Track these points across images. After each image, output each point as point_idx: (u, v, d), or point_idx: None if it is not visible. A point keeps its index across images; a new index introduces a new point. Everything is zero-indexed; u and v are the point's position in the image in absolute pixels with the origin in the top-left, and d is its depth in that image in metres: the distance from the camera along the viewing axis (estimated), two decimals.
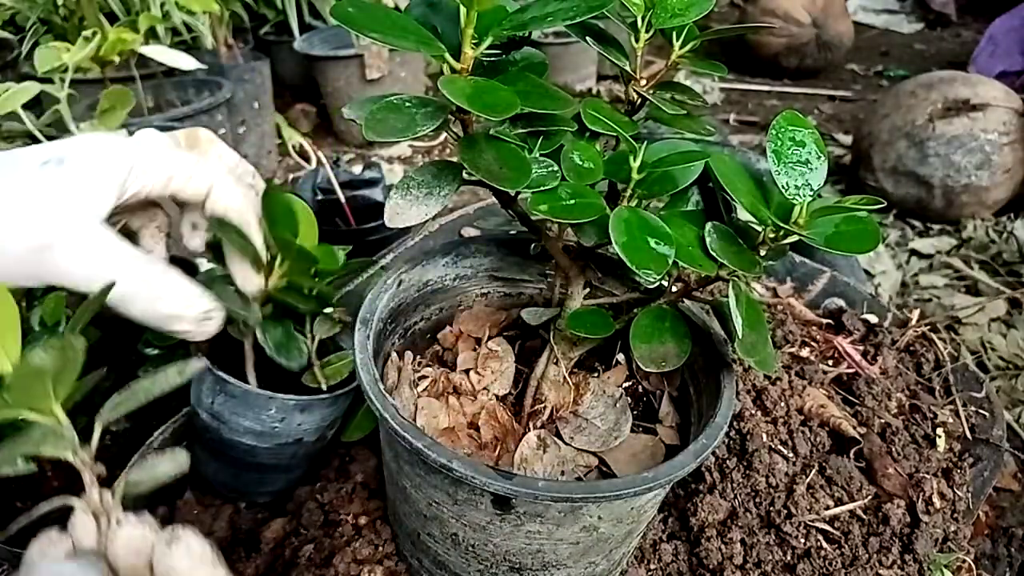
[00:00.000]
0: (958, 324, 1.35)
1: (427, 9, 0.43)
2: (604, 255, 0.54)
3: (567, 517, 0.43)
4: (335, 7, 0.36)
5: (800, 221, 0.42)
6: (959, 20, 3.69)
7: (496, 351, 0.57)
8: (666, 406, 0.56)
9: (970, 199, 1.70)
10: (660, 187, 0.45)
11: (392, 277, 0.54)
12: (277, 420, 0.55)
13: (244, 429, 0.55)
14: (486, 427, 0.53)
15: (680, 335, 0.47)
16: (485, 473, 0.39)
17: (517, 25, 0.39)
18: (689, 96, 0.48)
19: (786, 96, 2.72)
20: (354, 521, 0.60)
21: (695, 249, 0.44)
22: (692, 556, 0.59)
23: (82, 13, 1.42)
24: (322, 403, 0.56)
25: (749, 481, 0.62)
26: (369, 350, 0.47)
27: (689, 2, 0.44)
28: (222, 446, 0.57)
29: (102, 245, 0.45)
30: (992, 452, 0.71)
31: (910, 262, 1.63)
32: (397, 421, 0.41)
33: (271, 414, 0.54)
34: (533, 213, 0.41)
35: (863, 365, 0.77)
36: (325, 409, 0.57)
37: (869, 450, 0.67)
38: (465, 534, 0.47)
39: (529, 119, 0.42)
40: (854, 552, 0.59)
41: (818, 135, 0.44)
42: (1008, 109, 1.67)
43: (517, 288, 0.63)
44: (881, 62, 3.14)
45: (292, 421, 0.55)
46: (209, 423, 0.56)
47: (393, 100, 0.39)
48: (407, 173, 0.44)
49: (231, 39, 1.92)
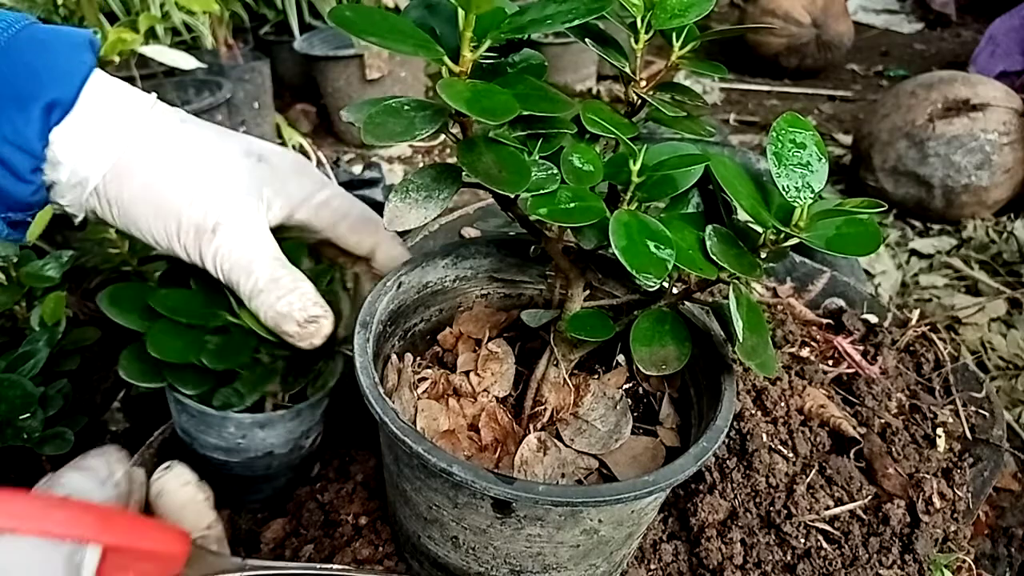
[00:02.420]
0: (958, 324, 1.35)
1: (425, 12, 0.43)
2: (604, 256, 0.54)
3: (567, 520, 0.43)
4: (333, 11, 0.36)
5: (801, 223, 0.41)
6: (959, 20, 3.68)
7: (496, 352, 0.57)
8: (667, 408, 0.56)
9: (970, 199, 1.70)
10: (660, 190, 0.45)
11: (392, 279, 0.54)
12: (239, 437, 0.55)
13: (212, 446, 0.56)
14: (486, 429, 0.53)
15: (681, 338, 0.47)
16: (485, 477, 0.39)
17: (516, 28, 0.39)
18: (689, 97, 0.48)
19: (786, 96, 2.72)
20: (354, 521, 0.60)
21: (695, 252, 0.44)
22: (692, 556, 0.59)
23: (82, 13, 1.42)
24: (282, 419, 0.55)
25: (749, 481, 0.62)
26: (369, 353, 0.47)
27: (689, 3, 0.44)
28: (197, 460, 0.57)
29: (256, 239, 0.49)
30: (992, 452, 0.71)
31: (910, 262, 1.63)
32: (397, 425, 0.41)
33: (231, 432, 0.54)
34: (532, 216, 0.41)
35: (863, 365, 0.77)
36: (289, 423, 0.56)
37: (869, 450, 0.67)
38: (465, 537, 0.47)
39: (528, 121, 0.42)
40: (854, 552, 0.59)
41: (819, 137, 0.44)
42: (1008, 109, 1.67)
43: (517, 289, 0.63)
44: (881, 62, 3.14)
45: (255, 437, 0.55)
46: (183, 438, 0.57)
47: (392, 103, 0.39)
48: (406, 176, 0.44)
49: (231, 39, 1.91)
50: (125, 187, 0.47)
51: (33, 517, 0.29)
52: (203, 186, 0.48)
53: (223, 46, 1.87)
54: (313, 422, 0.59)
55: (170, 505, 0.42)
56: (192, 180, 0.48)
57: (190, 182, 0.48)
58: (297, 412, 0.56)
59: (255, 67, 1.87)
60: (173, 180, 0.47)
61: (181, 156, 0.48)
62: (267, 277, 0.48)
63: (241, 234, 0.48)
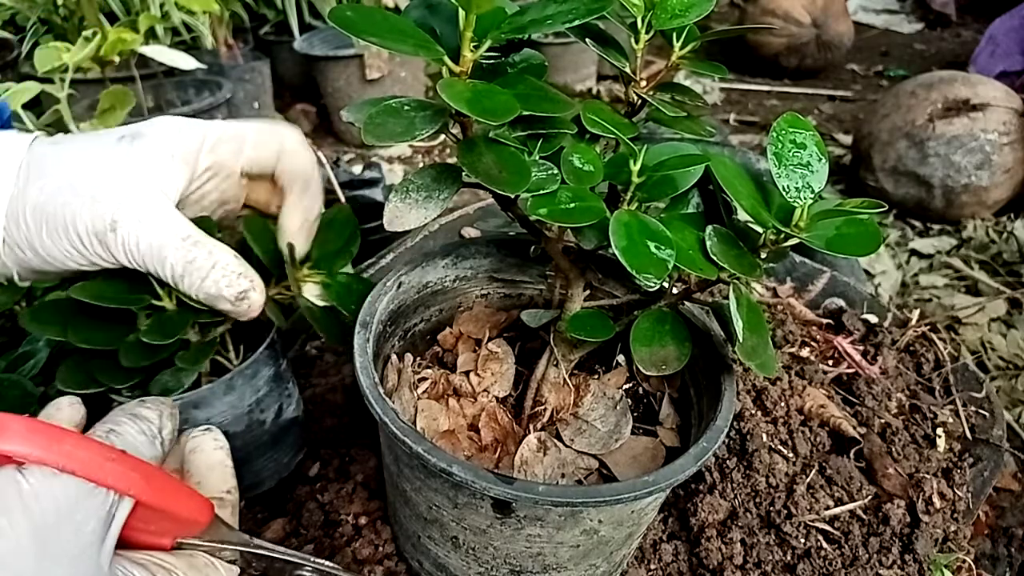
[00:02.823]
0: (958, 324, 1.35)
1: (426, 11, 0.43)
2: (604, 256, 0.54)
3: (567, 521, 0.43)
4: (333, 11, 0.36)
5: (801, 224, 0.41)
6: (959, 20, 3.68)
7: (496, 352, 0.57)
8: (666, 408, 0.56)
9: (970, 199, 1.70)
10: (660, 190, 0.45)
11: (392, 279, 0.54)
12: (181, 423, 0.53)
13: None
14: (486, 429, 0.53)
15: (680, 338, 0.47)
16: (485, 477, 0.39)
17: (516, 28, 0.39)
18: (689, 97, 0.48)
19: (786, 96, 2.72)
20: (354, 521, 0.60)
21: (695, 253, 0.44)
22: (692, 556, 0.59)
23: (82, 13, 1.42)
24: (214, 393, 0.53)
25: (749, 481, 0.62)
26: (369, 353, 0.47)
27: (689, 3, 0.44)
28: None
29: (159, 223, 0.47)
30: (992, 452, 0.71)
31: (910, 262, 1.63)
32: (397, 425, 0.41)
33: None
34: (532, 216, 0.41)
35: (863, 365, 0.77)
36: (227, 397, 0.54)
37: (869, 450, 0.67)
38: (465, 537, 0.47)
39: (529, 122, 0.42)
40: (854, 552, 0.59)
41: (819, 137, 0.44)
42: (1008, 109, 1.67)
43: (517, 289, 0.63)
44: (881, 62, 3.14)
45: (196, 419, 0.53)
46: None
47: (392, 103, 0.39)
48: (406, 176, 0.44)
49: (231, 39, 1.91)
50: (21, 226, 0.46)
51: (91, 464, 0.32)
52: (88, 191, 0.46)
53: (223, 46, 1.87)
54: (261, 391, 0.56)
55: (200, 463, 0.44)
56: (74, 190, 0.46)
57: (73, 193, 0.46)
58: (229, 383, 0.53)
59: (255, 67, 1.88)
60: (56, 198, 0.46)
61: (58, 173, 0.47)
62: (182, 261, 0.47)
63: (141, 223, 0.46)
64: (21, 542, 0.30)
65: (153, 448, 0.40)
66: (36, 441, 0.32)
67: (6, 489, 0.31)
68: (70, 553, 0.32)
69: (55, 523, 0.31)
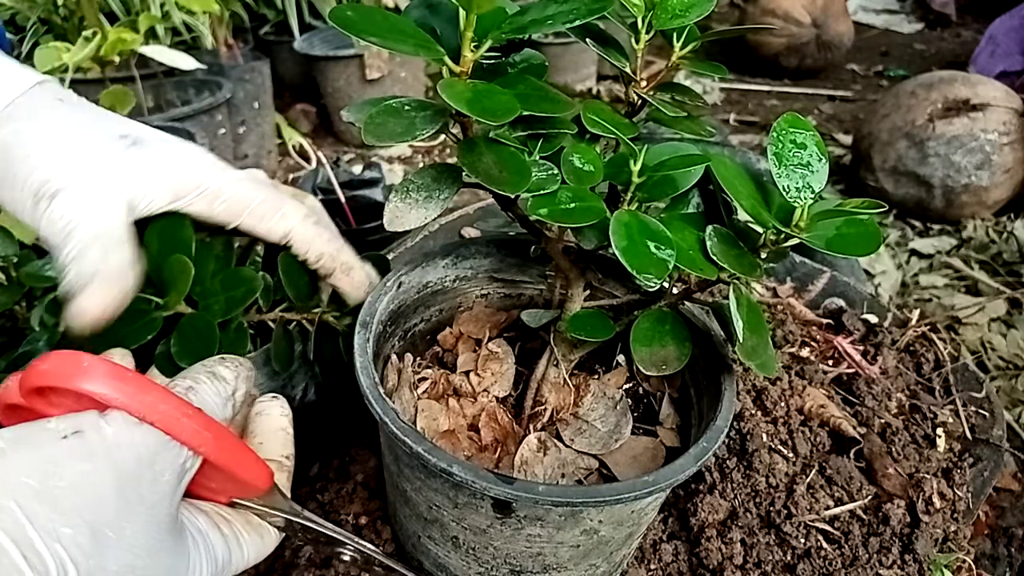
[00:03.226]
0: (958, 324, 1.35)
1: (426, 11, 0.43)
2: (604, 256, 0.54)
3: (567, 521, 0.43)
4: (333, 11, 0.36)
5: (801, 224, 0.41)
6: (959, 20, 3.68)
7: (496, 352, 0.57)
8: (667, 408, 0.56)
9: (970, 199, 1.70)
10: (660, 190, 0.45)
11: (392, 279, 0.54)
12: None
13: None
14: (486, 429, 0.53)
15: (681, 338, 0.47)
16: (485, 477, 0.39)
17: (517, 28, 0.39)
18: (689, 97, 0.48)
19: (786, 96, 2.72)
20: (354, 521, 0.60)
21: (696, 253, 0.44)
22: (692, 556, 0.59)
23: (82, 13, 1.42)
24: (254, 363, 0.51)
25: (749, 481, 0.62)
26: (369, 353, 0.47)
27: (690, 3, 0.44)
28: None
29: (93, 212, 0.46)
30: (992, 452, 0.71)
31: (910, 262, 1.63)
32: (397, 425, 0.41)
33: None
34: (533, 216, 0.41)
35: (863, 365, 0.77)
36: (262, 368, 0.54)
37: (869, 450, 0.67)
38: (466, 537, 0.47)
39: (529, 122, 0.42)
40: (854, 552, 0.59)
41: (819, 137, 0.44)
42: (1008, 109, 1.67)
43: (517, 289, 0.63)
44: (881, 62, 3.14)
45: None
46: None
47: (392, 103, 0.39)
48: (406, 176, 0.44)
49: (231, 39, 1.92)
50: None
51: (170, 418, 0.33)
52: (54, 157, 0.46)
53: (223, 46, 1.87)
54: (294, 365, 0.57)
55: (265, 427, 0.44)
56: (44, 150, 0.46)
57: (41, 152, 0.46)
58: (267, 353, 0.54)
59: (255, 67, 1.88)
60: (25, 148, 0.46)
61: (42, 130, 0.47)
62: (77, 249, 0.45)
63: (77, 205, 0.45)
64: (104, 489, 0.31)
65: (225, 410, 0.40)
66: (123, 388, 0.32)
67: (90, 435, 0.31)
68: (148, 501, 0.32)
69: (135, 472, 0.32)
